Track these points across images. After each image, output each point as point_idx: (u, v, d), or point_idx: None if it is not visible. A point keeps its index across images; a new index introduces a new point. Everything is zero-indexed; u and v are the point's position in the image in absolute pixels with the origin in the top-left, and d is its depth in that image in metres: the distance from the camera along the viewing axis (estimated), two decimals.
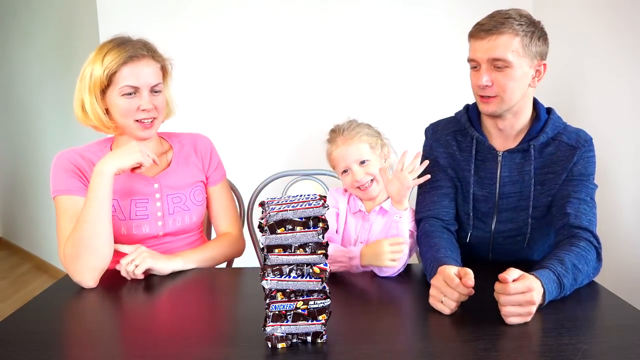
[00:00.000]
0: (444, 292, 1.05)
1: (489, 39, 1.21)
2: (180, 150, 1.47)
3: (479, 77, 1.25)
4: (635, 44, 1.67)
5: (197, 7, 2.21)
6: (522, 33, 1.21)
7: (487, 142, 1.34)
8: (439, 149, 1.40)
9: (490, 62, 1.23)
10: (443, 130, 1.41)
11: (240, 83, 2.25)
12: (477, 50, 1.24)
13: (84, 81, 1.31)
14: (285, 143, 2.27)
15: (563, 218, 1.25)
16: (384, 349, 0.91)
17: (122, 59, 1.27)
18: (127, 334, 1.01)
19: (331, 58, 2.23)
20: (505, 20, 1.21)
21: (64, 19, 2.90)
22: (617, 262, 1.74)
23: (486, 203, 1.36)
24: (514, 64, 1.21)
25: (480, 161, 1.35)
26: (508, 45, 1.20)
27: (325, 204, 0.89)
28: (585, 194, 1.27)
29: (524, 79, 1.24)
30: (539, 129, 1.30)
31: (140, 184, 1.38)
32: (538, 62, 1.25)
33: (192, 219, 1.44)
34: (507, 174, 1.33)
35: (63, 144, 3.13)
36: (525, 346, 0.90)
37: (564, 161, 1.29)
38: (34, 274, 3.57)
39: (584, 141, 1.29)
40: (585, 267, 1.13)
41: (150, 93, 1.32)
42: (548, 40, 1.27)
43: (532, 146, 1.29)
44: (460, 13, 2.18)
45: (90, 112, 1.32)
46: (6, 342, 0.95)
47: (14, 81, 3.66)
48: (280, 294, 0.90)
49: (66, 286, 1.26)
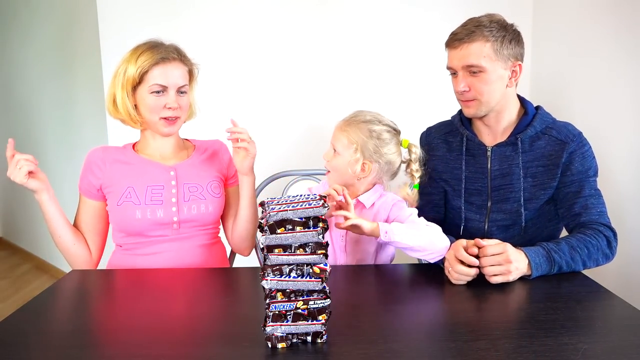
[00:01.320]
0: (451, 263, 1.18)
1: (462, 47, 1.30)
2: (201, 149, 1.55)
3: (457, 83, 1.34)
4: (635, 44, 1.67)
5: (196, 7, 2.21)
6: (492, 38, 1.28)
7: (476, 139, 1.42)
8: (436, 154, 1.48)
9: (466, 68, 1.31)
10: (435, 134, 1.51)
11: (240, 83, 2.25)
12: (452, 59, 1.34)
13: (117, 78, 1.40)
14: (285, 143, 2.27)
15: (574, 219, 1.32)
16: (384, 349, 0.91)
17: (155, 60, 1.36)
18: (127, 334, 1.01)
19: (331, 58, 2.24)
20: (475, 29, 1.29)
21: (64, 19, 2.90)
22: (617, 262, 1.74)
23: (479, 196, 1.43)
24: (488, 69, 1.29)
25: (470, 157, 1.43)
26: (480, 52, 1.28)
27: (326, 204, 0.89)
28: (589, 189, 1.32)
29: (500, 81, 1.32)
30: (526, 123, 1.37)
31: (157, 170, 1.45)
32: (513, 64, 1.32)
33: (207, 208, 1.45)
34: (497, 167, 1.40)
35: (63, 144, 3.14)
36: (525, 346, 0.90)
37: (554, 156, 1.34)
38: (34, 274, 3.57)
39: (572, 135, 1.34)
40: (585, 250, 1.21)
41: (177, 93, 1.41)
42: (522, 41, 1.34)
43: (520, 139, 1.36)
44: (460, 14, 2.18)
45: (120, 107, 1.41)
46: (6, 342, 0.95)
47: (14, 81, 3.66)
48: (280, 294, 0.90)
49: (66, 286, 1.26)
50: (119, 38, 2.24)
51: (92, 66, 2.50)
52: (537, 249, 1.19)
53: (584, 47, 1.92)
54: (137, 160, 1.46)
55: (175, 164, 1.47)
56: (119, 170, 1.43)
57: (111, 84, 1.42)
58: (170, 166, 1.46)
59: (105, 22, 2.22)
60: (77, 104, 2.90)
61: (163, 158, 1.48)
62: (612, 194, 1.76)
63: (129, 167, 1.44)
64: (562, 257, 1.19)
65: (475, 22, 1.31)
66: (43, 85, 3.28)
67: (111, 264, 1.48)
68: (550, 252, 1.19)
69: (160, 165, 1.46)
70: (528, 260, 1.17)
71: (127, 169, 1.43)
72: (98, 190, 1.44)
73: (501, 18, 1.33)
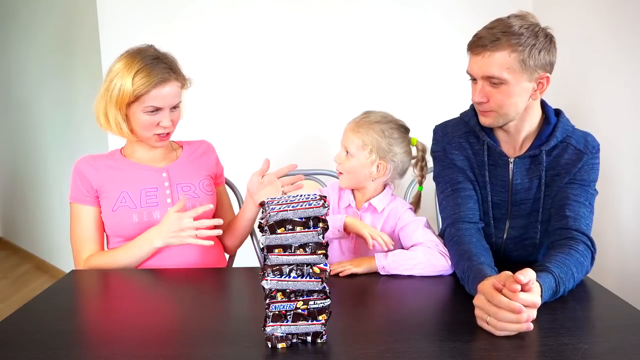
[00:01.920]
0: (488, 311, 0.94)
1: (484, 55, 1.16)
2: (189, 150, 1.55)
3: (474, 92, 1.21)
4: (636, 43, 1.67)
5: (196, 7, 2.21)
6: (520, 48, 1.13)
7: (498, 148, 1.29)
8: (453, 152, 1.34)
9: (486, 78, 1.18)
10: (454, 132, 1.35)
11: (240, 83, 2.25)
12: (473, 65, 1.20)
13: (110, 92, 1.36)
14: (285, 143, 2.27)
15: (562, 220, 1.22)
16: (384, 349, 0.91)
17: (153, 84, 1.33)
18: (127, 333, 1.01)
19: (331, 59, 2.24)
20: (502, 35, 1.14)
21: (64, 19, 2.89)
22: (617, 262, 1.74)
23: (499, 209, 1.32)
24: (510, 81, 1.16)
25: (492, 166, 1.31)
26: (503, 63, 1.14)
27: (326, 204, 0.89)
28: (585, 198, 1.24)
29: (523, 94, 1.19)
30: (548, 133, 1.26)
31: (149, 173, 1.45)
32: (540, 75, 1.18)
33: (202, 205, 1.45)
34: (519, 180, 1.29)
35: (63, 144, 3.14)
36: (525, 346, 0.89)
37: (570, 165, 1.26)
38: (34, 274, 3.57)
39: (592, 147, 1.26)
40: (579, 275, 1.12)
41: (170, 110, 1.39)
42: (554, 49, 1.20)
43: (543, 152, 1.25)
44: (462, 13, 2.18)
45: (112, 122, 1.39)
46: (6, 342, 0.95)
47: (14, 81, 3.66)
48: (280, 294, 0.90)
49: (66, 286, 1.26)
50: (119, 38, 2.24)
51: (92, 66, 2.49)
52: (549, 282, 1.03)
53: (584, 47, 1.92)
54: (127, 165, 1.45)
55: (166, 166, 1.48)
56: (111, 175, 1.42)
57: (102, 95, 1.38)
58: (162, 168, 1.46)
59: (105, 22, 2.22)
60: (77, 104, 2.89)
61: (153, 161, 1.48)
62: (612, 194, 1.76)
63: (120, 172, 1.43)
64: (565, 288, 1.07)
65: (502, 26, 1.15)
66: (43, 85, 3.27)
67: None
68: (559, 286, 1.05)
69: (152, 167, 1.46)
70: (541, 296, 0.99)
71: (119, 174, 1.43)
72: (95, 196, 1.42)
73: (533, 21, 1.18)
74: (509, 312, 0.91)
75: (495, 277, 0.98)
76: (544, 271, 1.05)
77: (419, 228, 1.34)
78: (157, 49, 1.42)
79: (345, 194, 1.47)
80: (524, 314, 0.90)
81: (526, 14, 1.19)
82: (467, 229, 1.25)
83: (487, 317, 0.94)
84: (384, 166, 1.39)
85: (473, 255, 1.14)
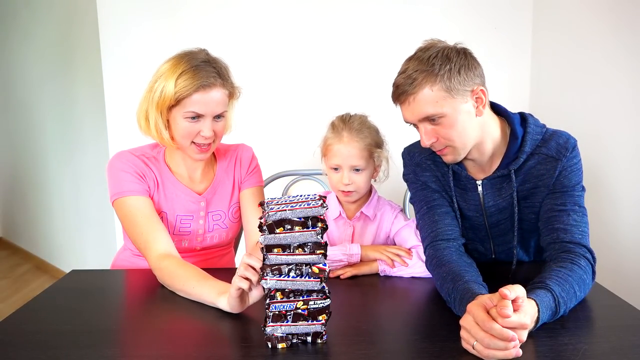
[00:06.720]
0: (475, 335, 0.87)
1: (409, 101, 1.13)
2: (224, 162, 1.46)
3: (421, 137, 1.17)
4: (635, 43, 1.67)
5: (196, 7, 2.21)
6: (438, 78, 1.09)
7: (464, 172, 1.24)
8: (424, 174, 1.30)
9: (423, 120, 1.14)
10: (421, 155, 1.30)
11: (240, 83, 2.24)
12: (405, 114, 1.17)
13: (152, 94, 1.27)
14: (286, 143, 2.27)
15: (552, 233, 1.15)
16: (384, 349, 0.91)
17: (195, 87, 1.24)
18: (127, 334, 1.01)
19: (331, 58, 2.24)
20: (416, 74, 1.10)
21: (64, 19, 2.90)
22: (617, 262, 1.74)
23: (479, 231, 1.30)
24: (447, 112, 1.11)
25: (462, 190, 1.26)
26: (430, 99, 1.10)
27: (324, 204, 0.89)
28: (572, 204, 1.17)
29: (467, 118, 1.14)
30: (516, 149, 1.19)
31: (189, 200, 1.38)
32: (473, 91, 1.13)
33: (228, 235, 1.45)
34: (491, 202, 1.24)
35: (63, 144, 3.14)
36: (525, 346, 0.89)
37: (546, 176, 1.19)
38: (34, 274, 3.57)
39: (565, 150, 1.18)
40: (581, 294, 1.05)
41: (213, 119, 1.29)
42: (474, 61, 1.14)
43: (512, 171, 1.19)
44: (460, 13, 2.18)
45: (152, 127, 1.30)
46: (6, 342, 0.95)
47: (14, 81, 3.66)
48: (280, 294, 0.90)
49: (66, 286, 1.26)
50: (119, 38, 2.24)
51: (92, 66, 2.50)
52: (548, 301, 0.96)
53: (583, 47, 1.92)
54: (171, 183, 1.37)
55: (205, 190, 1.40)
56: (155, 187, 1.35)
57: (144, 97, 1.30)
58: (201, 195, 1.39)
59: (105, 22, 2.22)
60: (77, 104, 2.89)
61: (193, 181, 1.40)
62: (611, 193, 1.76)
63: (162, 189, 1.36)
64: (567, 308, 1.01)
65: (413, 66, 1.12)
66: (43, 85, 3.28)
67: (116, 264, 1.47)
68: (559, 305, 0.98)
69: (192, 194, 1.38)
70: (537, 317, 0.93)
71: (161, 191, 1.36)
72: (149, 186, 1.33)
73: (441, 45, 1.14)
74: (499, 340, 0.84)
75: (488, 296, 0.91)
76: (543, 288, 0.98)
77: (413, 231, 1.35)
78: (209, 53, 1.34)
79: (331, 204, 1.40)
80: (515, 342, 0.84)
81: (431, 41, 1.16)
82: (445, 247, 1.20)
83: (474, 341, 0.87)
84: (384, 161, 1.39)
85: (456, 276, 1.07)
